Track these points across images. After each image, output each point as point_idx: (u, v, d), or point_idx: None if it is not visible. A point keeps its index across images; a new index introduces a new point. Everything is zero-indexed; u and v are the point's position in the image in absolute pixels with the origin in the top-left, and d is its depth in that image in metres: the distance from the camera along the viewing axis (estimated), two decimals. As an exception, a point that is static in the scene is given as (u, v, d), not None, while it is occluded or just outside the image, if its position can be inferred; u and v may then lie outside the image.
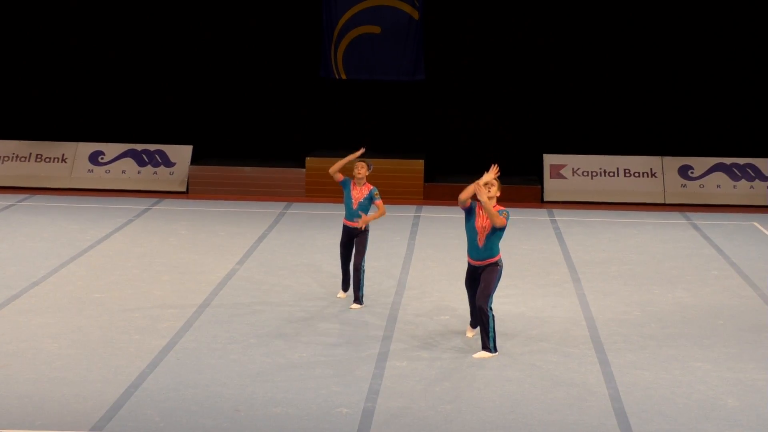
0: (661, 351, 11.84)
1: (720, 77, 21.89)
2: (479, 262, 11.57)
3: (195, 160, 22.07)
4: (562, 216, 19.74)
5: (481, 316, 11.50)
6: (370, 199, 13.22)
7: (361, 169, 13.19)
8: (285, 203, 20.43)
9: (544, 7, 21.94)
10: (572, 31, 21.97)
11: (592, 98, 22.15)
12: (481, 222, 11.46)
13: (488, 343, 11.53)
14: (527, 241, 17.39)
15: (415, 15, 21.18)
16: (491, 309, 11.49)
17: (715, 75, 21.88)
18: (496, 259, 11.51)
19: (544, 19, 21.97)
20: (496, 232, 11.44)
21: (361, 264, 13.25)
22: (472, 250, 11.58)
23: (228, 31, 22.47)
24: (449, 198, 20.54)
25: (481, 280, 11.53)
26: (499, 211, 11.37)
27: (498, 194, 11.41)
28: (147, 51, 22.60)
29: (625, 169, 21.60)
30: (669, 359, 11.57)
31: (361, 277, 13.30)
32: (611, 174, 21.59)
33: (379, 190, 13.27)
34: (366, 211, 13.26)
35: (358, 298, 13.34)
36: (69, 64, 22.69)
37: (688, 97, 21.98)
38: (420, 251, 16.50)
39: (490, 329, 11.51)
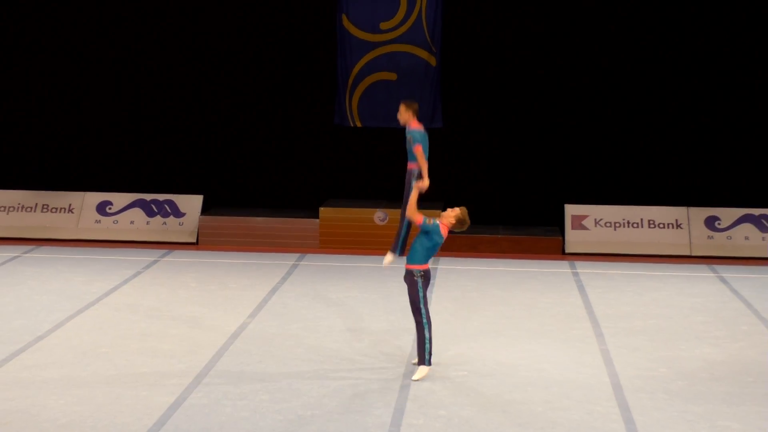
0: (688, 409, 11.76)
1: (748, 125, 21.87)
2: (406, 266, 12.40)
3: (205, 210, 22.11)
4: (585, 268, 19.68)
5: (416, 326, 12.28)
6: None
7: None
8: (298, 254, 20.41)
9: (566, 54, 21.99)
10: (596, 78, 22.00)
11: (615, 147, 22.13)
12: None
13: (423, 354, 12.27)
14: (548, 295, 17.34)
15: (433, 61, 21.25)
16: (426, 320, 12.19)
17: (743, 122, 21.86)
18: (411, 267, 12.26)
19: (567, 67, 22.01)
20: (419, 234, 12.19)
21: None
22: None
23: (239, 77, 22.57)
24: (468, 249, 20.51)
25: None
26: (426, 221, 12.14)
27: (447, 218, 12.23)
28: (156, 99, 22.70)
29: (649, 220, 21.55)
30: (697, 418, 11.50)
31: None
32: (635, 225, 21.54)
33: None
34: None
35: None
36: (76, 112, 22.81)
37: (715, 146, 21.95)
38: (437, 305, 16.44)
39: (426, 341, 12.23)
